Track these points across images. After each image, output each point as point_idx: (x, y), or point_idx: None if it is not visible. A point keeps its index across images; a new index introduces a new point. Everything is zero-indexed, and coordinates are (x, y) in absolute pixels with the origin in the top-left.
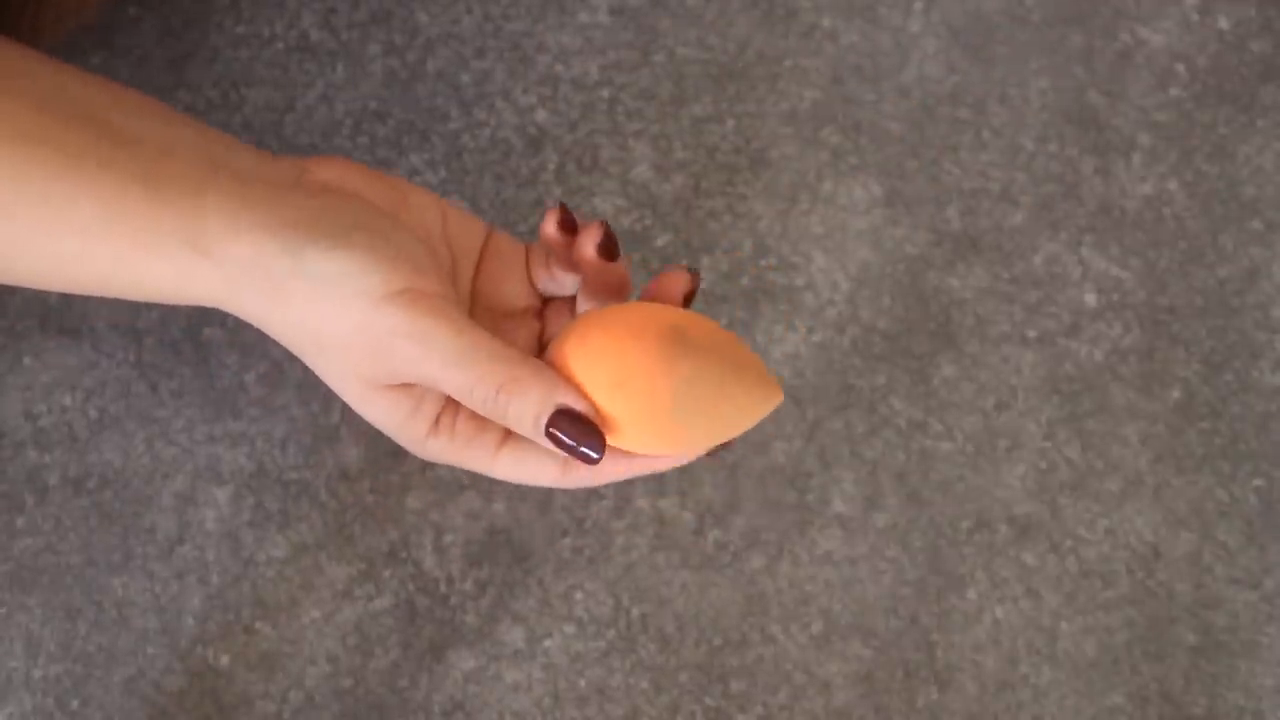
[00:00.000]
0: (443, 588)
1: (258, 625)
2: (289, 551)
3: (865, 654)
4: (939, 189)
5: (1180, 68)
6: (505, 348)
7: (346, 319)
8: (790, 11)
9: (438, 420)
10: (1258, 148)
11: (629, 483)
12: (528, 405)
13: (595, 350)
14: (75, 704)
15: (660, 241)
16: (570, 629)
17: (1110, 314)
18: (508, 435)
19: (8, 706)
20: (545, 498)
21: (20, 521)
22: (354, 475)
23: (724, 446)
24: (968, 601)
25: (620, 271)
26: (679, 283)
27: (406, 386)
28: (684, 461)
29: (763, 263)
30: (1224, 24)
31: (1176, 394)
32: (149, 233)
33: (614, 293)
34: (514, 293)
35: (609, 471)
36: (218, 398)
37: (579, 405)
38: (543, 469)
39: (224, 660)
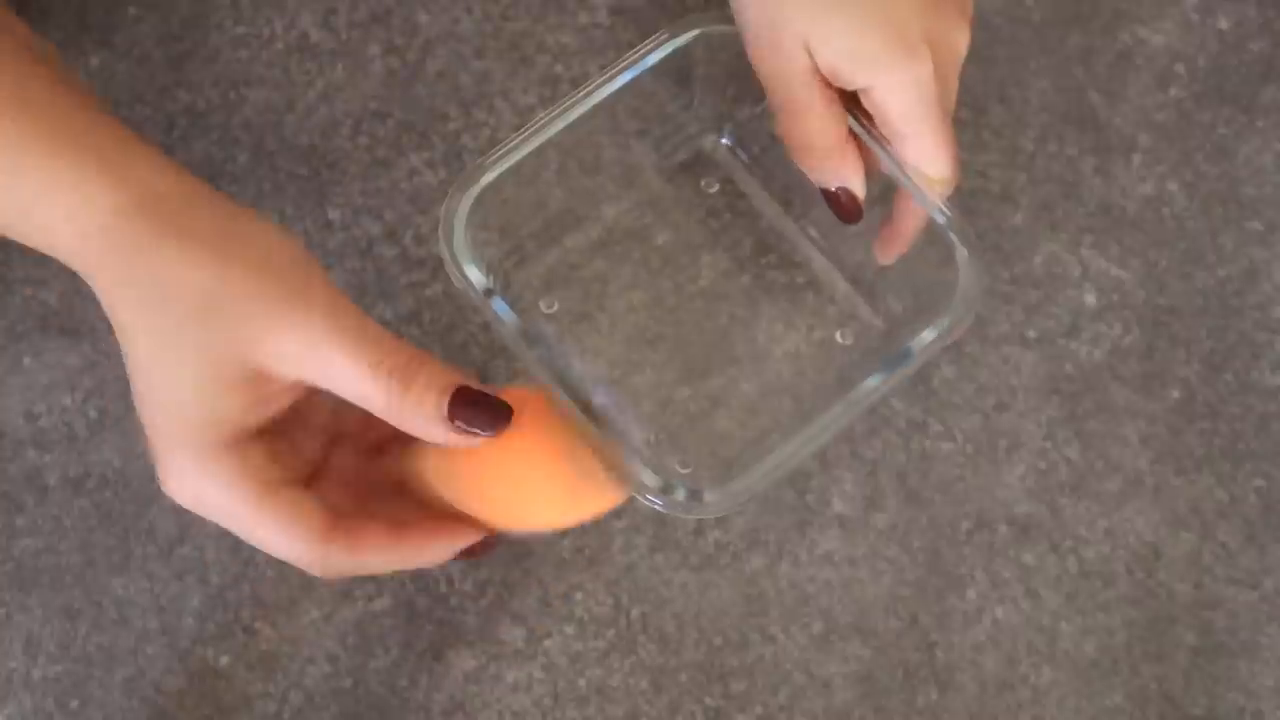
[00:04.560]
0: (443, 588)
1: (258, 625)
2: None
3: (865, 654)
4: None
5: (1180, 68)
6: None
7: (259, 273)
8: None
9: (237, 439)
10: (1258, 148)
11: None
12: (435, 376)
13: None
14: (75, 704)
15: (660, 240)
16: (570, 629)
17: (1110, 314)
18: (284, 485)
19: (8, 707)
20: None
21: (20, 521)
22: None
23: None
24: (968, 601)
25: None
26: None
27: (256, 381)
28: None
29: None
30: (1224, 24)
31: (1176, 394)
32: (54, 149)
33: None
34: None
35: (378, 563)
36: None
37: (477, 385)
38: (309, 530)
39: (224, 660)
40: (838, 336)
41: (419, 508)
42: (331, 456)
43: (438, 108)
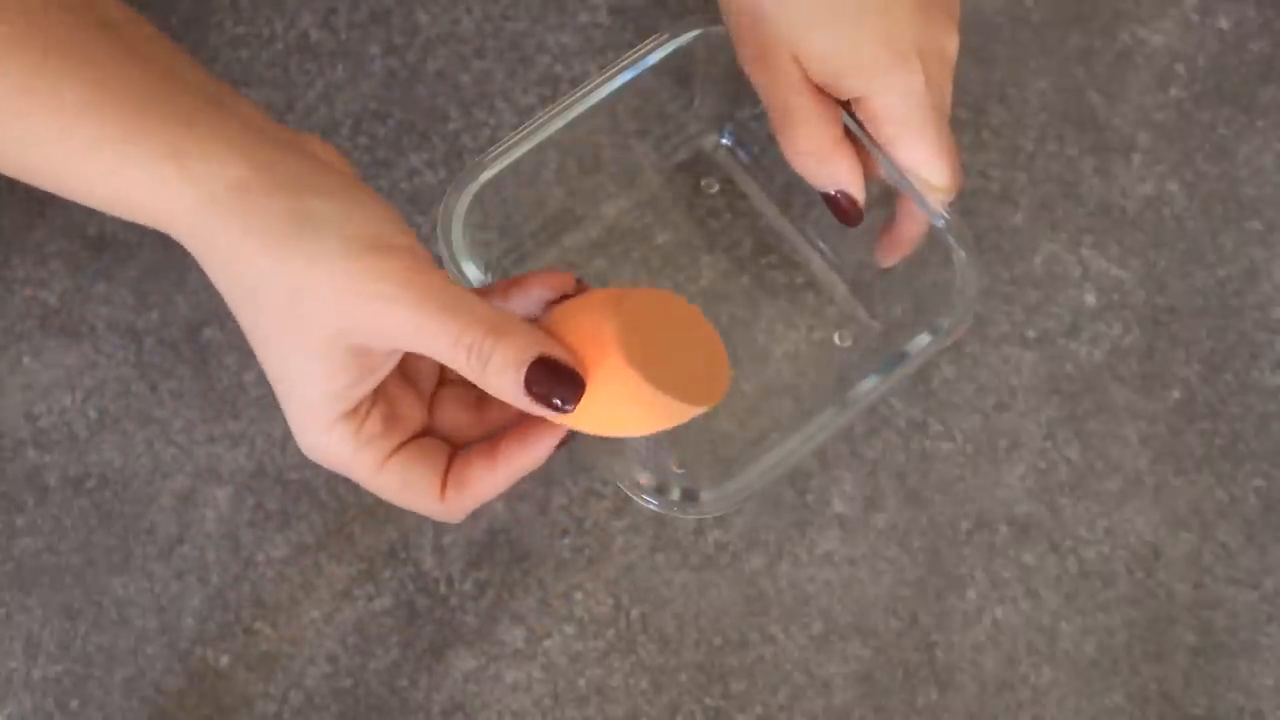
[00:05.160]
0: (443, 588)
1: (258, 625)
2: (289, 551)
3: (865, 654)
4: None
5: (1180, 68)
6: (490, 305)
7: (337, 263)
8: None
9: (358, 406)
10: (1258, 148)
11: None
12: (511, 350)
13: (563, 334)
14: (75, 704)
15: (660, 240)
16: (570, 629)
17: (1110, 314)
18: (401, 446)
19: (8, 706)
20: (545, 498)
21: (20, 521)
22: None
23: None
24: (968, 601)
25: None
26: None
27: (359, 355)
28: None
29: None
30: (1224, 24)
31: (1176, 394)
32: (127, 134)
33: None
34: None
35: (490, 492)
36: (217, 398)
37: (560, 354)
38: (424, 488)
39: (224, 660)
40: (836, 338)
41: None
42: (444, 384)
43: (438, 108)
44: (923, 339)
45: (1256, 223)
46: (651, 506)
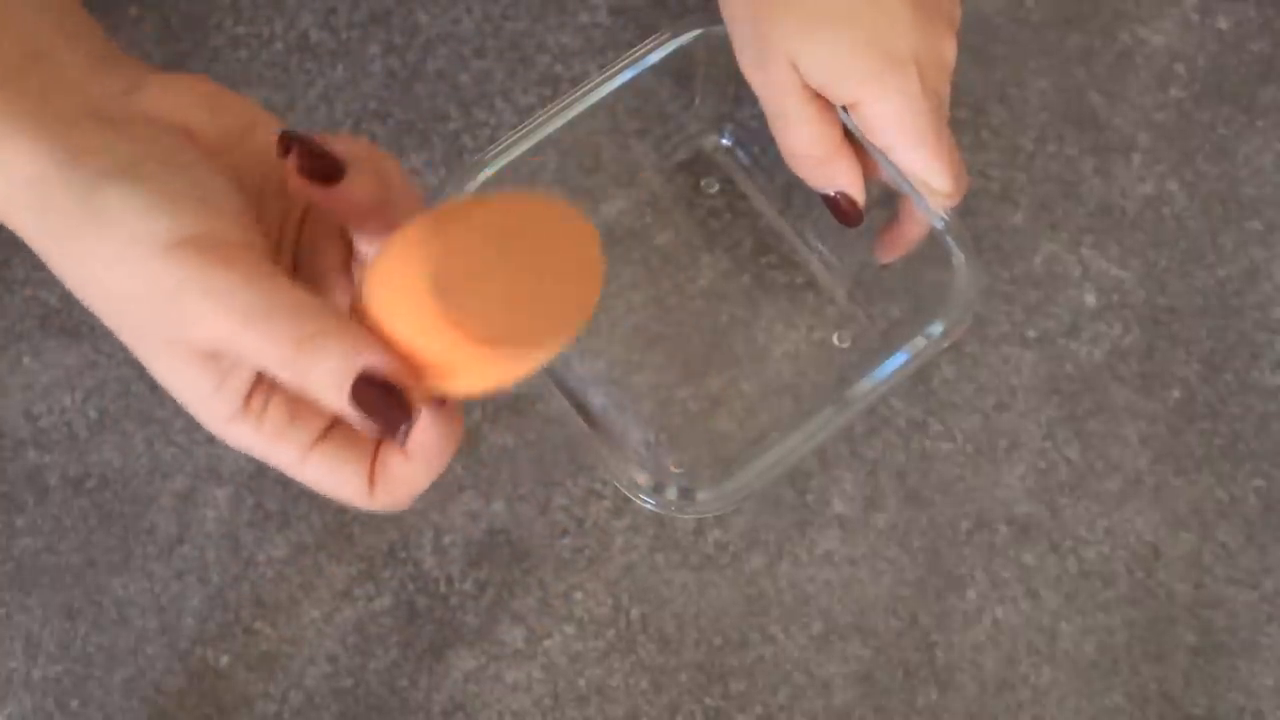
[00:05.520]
0: (443, 588)
1: (258, 625)
2: (289, 551)
3: (865, 654)
4: None
5: (1180, 68)
6: (309, 300)
7: (131, 269)
8: None
9: (248, 401)
10: (1258, 148)
11: None
12: (329, 366)
13: (385, 293)
14: (75, 704)
15: (660, 240)
16: (570, 629)
17: (1110, 314)
18: (324, 434)
19: (8, 706)
20: (545, 498)
21: (20, 521)
22: None
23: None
24: (968, 601)
25: (357, 194)
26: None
27: (211, 355)
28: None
29: None
30: (1224, 24)
31: (1176, 394)
32: None
33: (377, 221)
34: (333, 247)
35: (418, 482)
36: None
37: (384, 366)
38: (355, 480)
39: (224, 660)
40: (835, 338)
41: None
42: None
43: (438, 108)
44: (922, 339)
45: (1256, 223)
46: (649, 506)
